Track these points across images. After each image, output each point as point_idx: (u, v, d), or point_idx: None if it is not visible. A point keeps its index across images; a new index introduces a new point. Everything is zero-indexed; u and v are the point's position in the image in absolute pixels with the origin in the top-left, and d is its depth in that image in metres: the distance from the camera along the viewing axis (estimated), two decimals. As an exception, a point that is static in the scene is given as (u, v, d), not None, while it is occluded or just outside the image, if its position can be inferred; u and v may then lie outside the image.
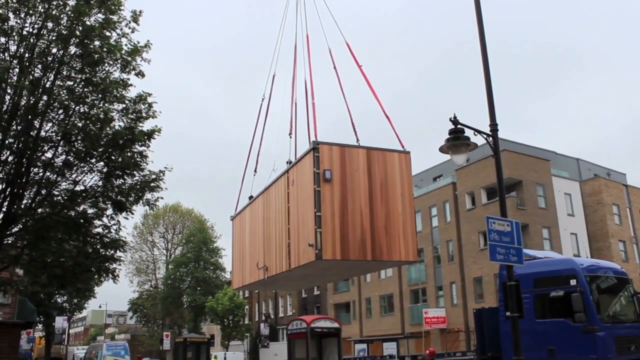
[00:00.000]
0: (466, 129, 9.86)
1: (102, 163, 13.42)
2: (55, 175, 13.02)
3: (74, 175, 13.39)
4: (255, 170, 12.15)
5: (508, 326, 10.07)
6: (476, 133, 9.94)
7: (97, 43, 12.81)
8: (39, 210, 12.82)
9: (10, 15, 12.08)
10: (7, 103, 12.20)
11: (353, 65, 10.29)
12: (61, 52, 12.59)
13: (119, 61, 13.21)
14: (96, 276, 15.13)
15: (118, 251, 14.26)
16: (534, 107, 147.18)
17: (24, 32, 12.25)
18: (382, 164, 9.28)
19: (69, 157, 13.12)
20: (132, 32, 13.28)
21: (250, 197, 11.98)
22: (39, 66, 12.55)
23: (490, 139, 9.95)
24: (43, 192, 12.90)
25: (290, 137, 11.03)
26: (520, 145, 43.28)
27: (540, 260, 13.24)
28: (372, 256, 8.88)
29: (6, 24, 12.04)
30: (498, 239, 9.27)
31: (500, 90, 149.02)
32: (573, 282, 11.60)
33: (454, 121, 9.84)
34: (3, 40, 12.16)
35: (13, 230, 12.94)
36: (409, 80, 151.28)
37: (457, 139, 9.75)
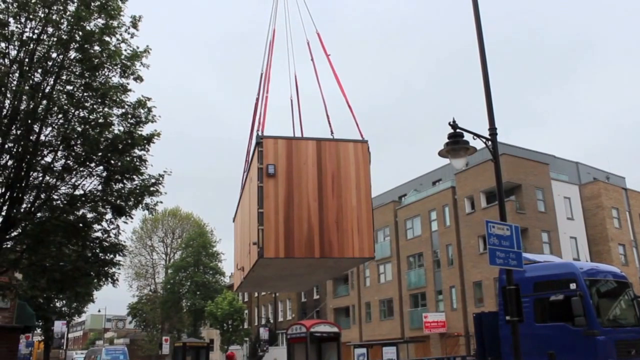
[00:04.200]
0: (465, 133, 9.88)
1: (101, 167, 13.42)
2: (54, 180, 13.02)
3: (73, 180, 13.40)
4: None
5: (508, 330, 10.07)
6: (475, 137, 9.96)
7: (97, 48, 12.84)
8: (39, 214, 12.82)
9: (11, 20, 12.10)
10: (7, 107, 12.21)
11: (357, 63, 10.21)
12: (61, 56, 12.61)
13: (119, 66, 13.24)
14: (95, 280, 15.11)
15: (117, 255, 14.27)
16: (544, 99, 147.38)
17: (24, 37, 12.27)
18: (334, 155, 8.75)
19: (69, 162, 13.12)
20: (132, 37, 13.33)
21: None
22: (39, 71, 12.57)
23: (490, 143, 9.97)
24: (42, 196, 12.90)
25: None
26: (519, 149, 43.34)
27: (539, 264, 13.25)
28: (321, 253, 8.38)
29: (6, 29, 12.06)
30: (497, 243, 9.26)
31: (515, 82, 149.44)
32: (573, 286, 11.60)
33: (453, 125, 9.86)
34: (3, 45, 12.18)
35: (12, 235, 12.92)
36: (420, 78, 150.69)
37: (456, 143, 9.75)
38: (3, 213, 12.43)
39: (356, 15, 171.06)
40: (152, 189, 13.90)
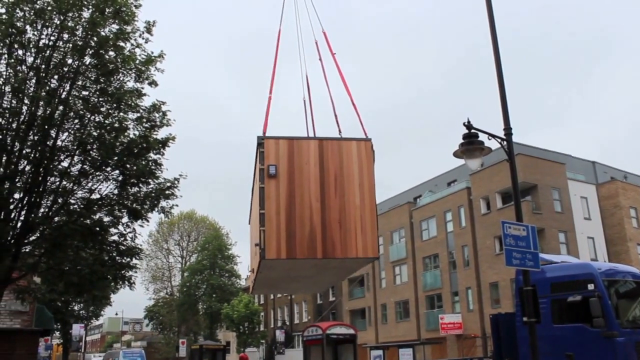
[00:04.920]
0: (480, 133, 9.82)
1: (117, 171, 13.52)
2: (71, 184, 13.14)
3: (89, 184, 13.51)
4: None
5: (525, 331, 9.98)
6: (490, 137, 9.90)
7: (111, 53, 12.96)
8: (56, 218, 12.94)
9: (28, 27, 12.25)
10: (24, 113, 12.36)
11: (373, 64, 10.21)
12: (76, 62, 12.74)
13: (133, 71, 13.34)
14: (112, 283, 15.23)
15: (134, 259, 14.35)
16: (561, 97, 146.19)
17: (41, 44, 12.42)
18: (336, 154, 8.68)
19: (85, 166, 13.24)
20: (146, 42, 13.42)
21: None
22: (55, 77, 12.70)
23: (505, 143, 9.90)
24: (60, 200, 13.03)
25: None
26: (535, 149, 43.02)
27: (557, 264, 13.11)
28: (323, 254, 8.30)
29: (23, 36, 12.22)
30: (514, 243, 9.19)
31: (531, 79, 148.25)
32: (591, 286, 11.46)
33: (468, 125, 9.81)
34: (20, 52, 12.34)
35: (31, 239, 13.07)
36: (436, 78, 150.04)
37: (470, 144, 9.70)
38: (21, 218, 12.57)
39: (373, 15, 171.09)
40: (167, 192, 13.97)
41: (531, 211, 36.75)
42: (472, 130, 9.78)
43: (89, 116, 13.07)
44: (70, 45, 12.58)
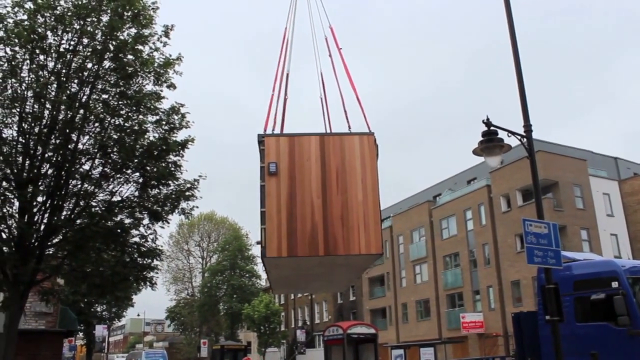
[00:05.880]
0: (500, 130, 9.75)
1: (137, 174, 13.64)
2: (92, 187, 13.29)
3: (110, 187, 13.65)
4: None
5: (548, 330, 9.88)
6: (510, 134, 9.82)
7: (130, 57, 13.07)
8: (78, 221, 13.09)
9: (49, 33, 12.42)
10: (46, 118, 12.52)
11: (390, 63, 10.18)
12: (96, 66, 12.88)
13: (152, 74, 13.44)
14: (134, 284, 15.38)
15: (155, 260, 14.47)
16: (583, 91, 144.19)
17: (61, 49, 12.57)
18: (338, 149, 8.58)
19: (106, 169, 13.38)
20: (164, 45, 13.52)
21: None
22: (76, 81, 12.85)
23: (525, 140, 9.81)
24: (82, 203, 13.18)
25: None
26: (555, 145, 42.55)
27: (579, 262, 12.95)
28: (325, 251, 8.20)
29: (44, 42, 12.39)
30: (535, 241, 9.11)
31: (552, 73, 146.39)
32: (615, 284, 11.30)
33: (487, 123, 9.74)
34: (42, 57, 12.51)
35: (54, 241, 13.25)
36: (456, 74, 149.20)
37: (490, 141, 9.63)
38: (45, 221, 12.75)
39: (392, 11, 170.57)
40: (187, 193, 14.07)
41: (552, 208, 36.35)
42: (492, 128, 9.72)
43: (109, 119, 13.20)
44: (90, 49, 12.73)
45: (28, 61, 12.40)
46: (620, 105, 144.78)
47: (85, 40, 12.69)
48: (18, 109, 12.37)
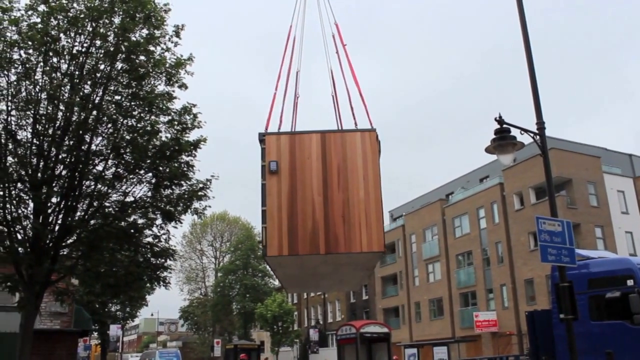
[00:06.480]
0: (512, 128, 9.69)
1: (150, 174, 13.71)
2: (106, 188, 13.38)
3: (124, 187, 13.73)
4: None
5: (562, 329, 9.82)
6: (523, 132, 9.76)
7: (142, 58, 13.14)
8: (92, 221, 13.19)
9: (62, 35, 12.53)
10: (59, 119, 12.63)
11: (402, 61, 10.14)
12: (109, 68, 12.97)
13: (164, 74, 13.51)
14: (148, 284, 15.47)
15: (168, 260, 14.56)
16: (597, 86, 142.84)
17: (74, 51, 12.67)
18: (339, 147, 8.52)
19: (119, 170, 13.47)
20: (175, 46, 13.58)
21: None
22: (89, 83, 12.94)
23: (538, 137, 9.75)
24: (95, 204, 13.28)
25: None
26: (569, 142, 42.23)
27: (594, 260, 12.86)
28: (326, 249, 8.15)
29: (58, 44, 12.50)
30: (549, 239, 9.05)
31: (566, 68, 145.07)
32: (630, 282, 11.21)
33: (500, 120, 9.69)
34: (55, 59, 12.62)
35: (68, 242, 13.36)
36: (469, 69, 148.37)
37: (503, 139, 9.58)
38: (59, 221, 12.86)
39: (404, 8, 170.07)
40: (200, 193, 14.12)
41: (566, 206, 36.08)
42: (504, 125, 9.66)
43: (121, 120, 13.28)
44: (103, 51, 12.82)
45: (42, 64, 12.51)
46: (636, 101, 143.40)
47: (98, 42, 12.79)
48: (32, 111, 12.50)
